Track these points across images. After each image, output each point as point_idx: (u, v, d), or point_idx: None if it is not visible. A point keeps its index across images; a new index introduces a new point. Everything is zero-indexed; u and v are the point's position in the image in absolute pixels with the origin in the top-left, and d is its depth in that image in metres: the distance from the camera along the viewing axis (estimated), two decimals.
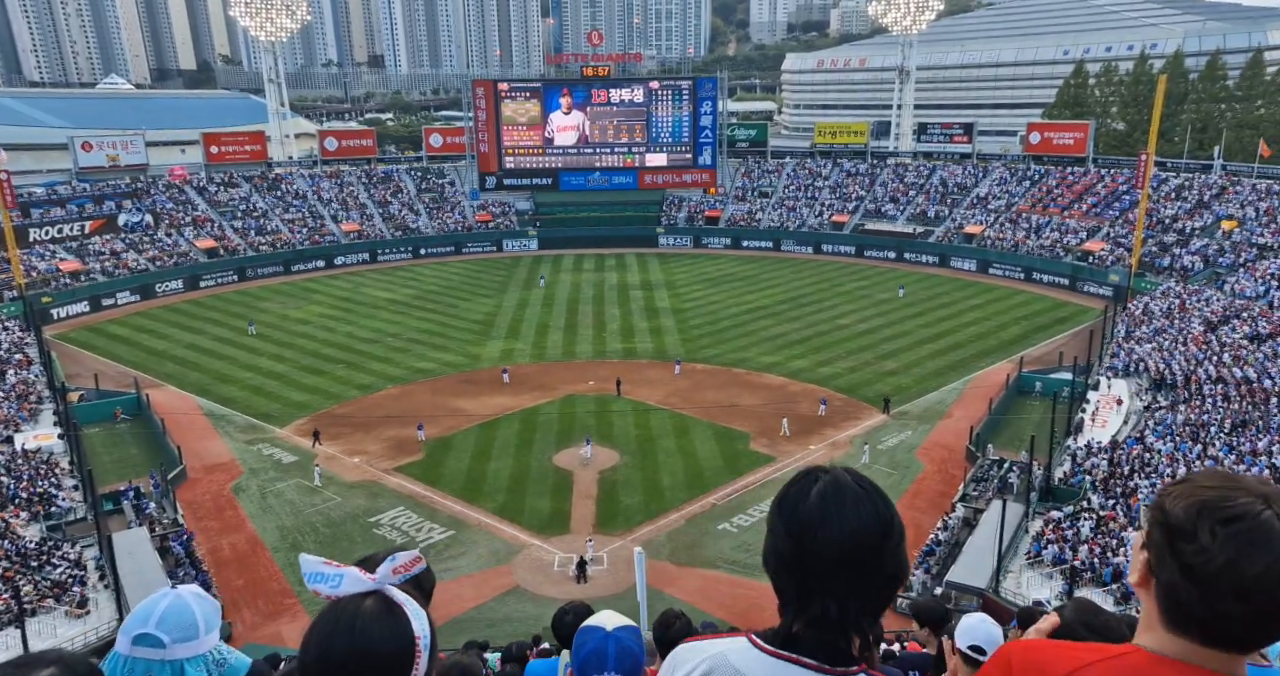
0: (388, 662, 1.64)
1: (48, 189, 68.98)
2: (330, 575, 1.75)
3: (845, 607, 1.63)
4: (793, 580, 1.67)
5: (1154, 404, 36.47)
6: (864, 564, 1.63)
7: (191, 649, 2.04)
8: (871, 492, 1.69)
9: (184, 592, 2.11)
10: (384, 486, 33.68)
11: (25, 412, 38.29)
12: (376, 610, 1.69)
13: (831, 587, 1.63)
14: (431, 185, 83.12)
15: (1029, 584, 25.04)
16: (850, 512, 1.64)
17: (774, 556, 1.71)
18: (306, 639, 1.67)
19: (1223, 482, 1.50)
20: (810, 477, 1.72)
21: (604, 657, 2.46)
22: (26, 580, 24.61)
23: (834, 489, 1.67)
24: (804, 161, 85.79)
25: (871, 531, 1.63)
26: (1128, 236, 62.09)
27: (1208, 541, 1.42)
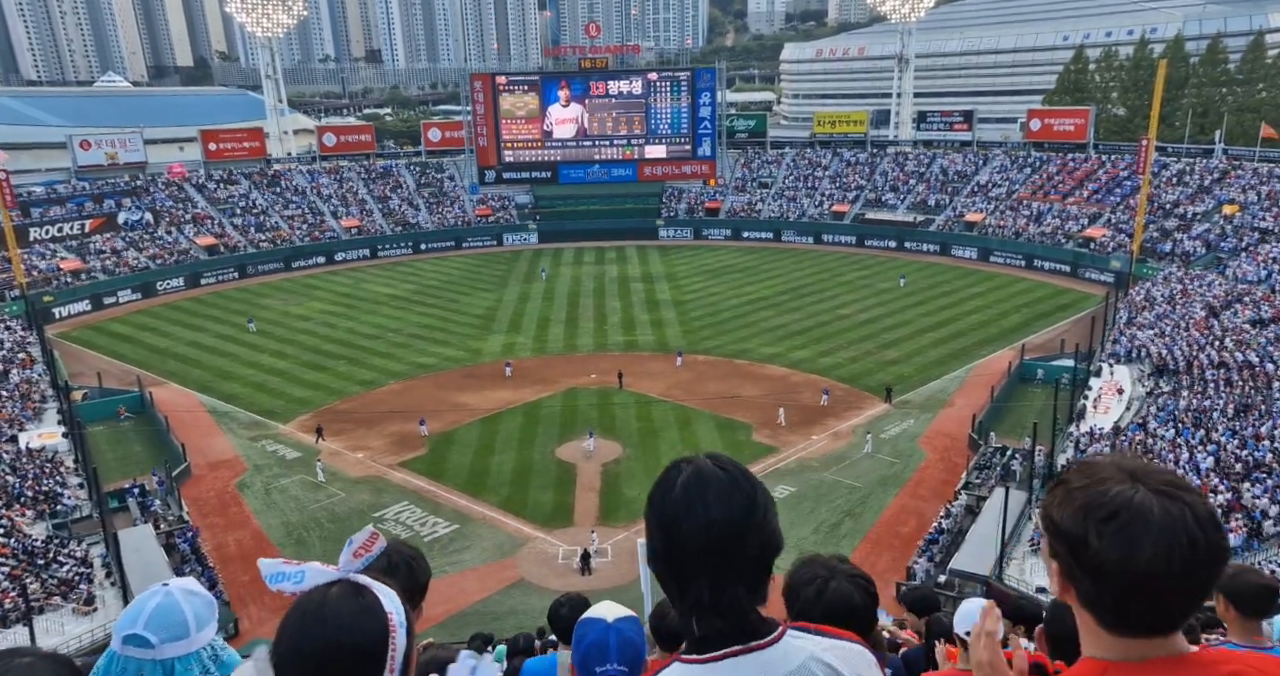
0: (362, 645, 1.62)
1: (47, 188, 68.91)
2: (291, 573, 1.74)
3: (716, 587, 1.65)
4: (673, 571, 1.70)
5: (1156, 390, 36.44)
6: (729, 547, 1.65)
7: (182, 647, 2.02)
8: (734, 474, 1.72)
9: (175, 590, 2.08)
10: (388, 481, 33.75)
11: (29, 411, 38.38)
12: (343, 594, 1.68)
13: (703, 572, 1.66)
14: (431, 180, 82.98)
15: (1032, 570, 25.07)
16: (712, 500, 1.67)
17: (651, 552, 1.74)
18: (278, 635, 1.64)
19: (1090, 477, 1.53)
20: (676, 470, 1.76)
21: (605, 649, 2.45)
22: (33, 578, 24.72)
23: (695, 478, 1.70)
24: (803, 151, 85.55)
25: (734, 515, 1.66)
26: (1129, 222, 61.92)
27: (1097, 544, 1.46)
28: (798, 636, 1.73)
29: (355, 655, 1.60)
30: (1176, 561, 1.42)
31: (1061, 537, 1.52)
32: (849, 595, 2.78)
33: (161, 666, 2.01)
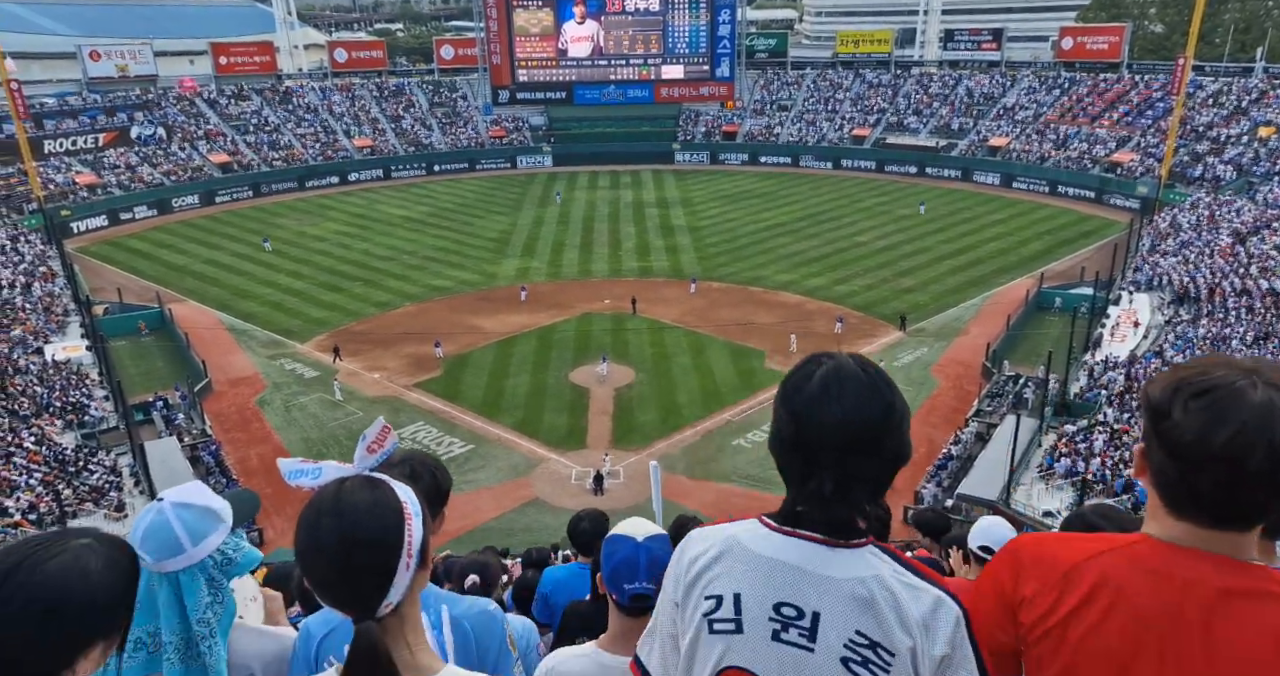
0: (377, 534, 1.64)
1: (59, 99, 68.15)
2: (309, 469, 1.79)
3: (842, 485, 1.66)
4: (794, 460, 1.71)
5: (1175, 318, 36.11)
6: (863, 445, 1.65)
7: (182, 562, 2.06)
8: (874, 376, 1.71)
9: (167, 507, 2.08)
10: (404, 401, 34.31)
11: (53, 324, 39.03)
12: (357, 487, 1.70)
13: (831, 466, 1.66)
14: (444, 99, 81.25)
15: (1039, 496, 25.47)
16: (850, 396, 1.66)
17: (778, 440, 1.75)
18: (298, 529, 1.68)
19: (1207, 363, 1.50)
20: (815, 362, 1.76)
21: (635, 567, 2.48)
22: (65, 484, 25.58)
23: (835, 373, 1.70)
24: (825, 72, 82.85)
25: (871, 414, 1.66)
26: (1159, 146, 60.13)
27: (1180, 416, 1.44)
28: (877, 554, 1.71)
29: (371, 544, 1.63)
30: (1260, 452, 1.38)
31: (1147, 411, 1.50)
32: None
33: (167, 579, 2.06)
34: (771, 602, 1.68)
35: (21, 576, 1.47)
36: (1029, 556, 1.69)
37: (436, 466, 2.54)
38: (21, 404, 30.72)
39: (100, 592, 1.55)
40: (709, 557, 1.76)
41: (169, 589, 2.06)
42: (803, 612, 1.66)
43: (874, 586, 1.66)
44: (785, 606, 1.67)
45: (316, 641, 2.33)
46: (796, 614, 1.66)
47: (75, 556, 1.54)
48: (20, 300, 40.47)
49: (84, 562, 1.55)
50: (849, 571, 1.67)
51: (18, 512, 24.28)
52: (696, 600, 1.76)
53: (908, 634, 1.63)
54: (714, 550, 1.76)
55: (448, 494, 2.56)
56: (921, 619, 1.64)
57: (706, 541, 1.80)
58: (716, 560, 1.75)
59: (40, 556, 1.52)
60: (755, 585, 1.69)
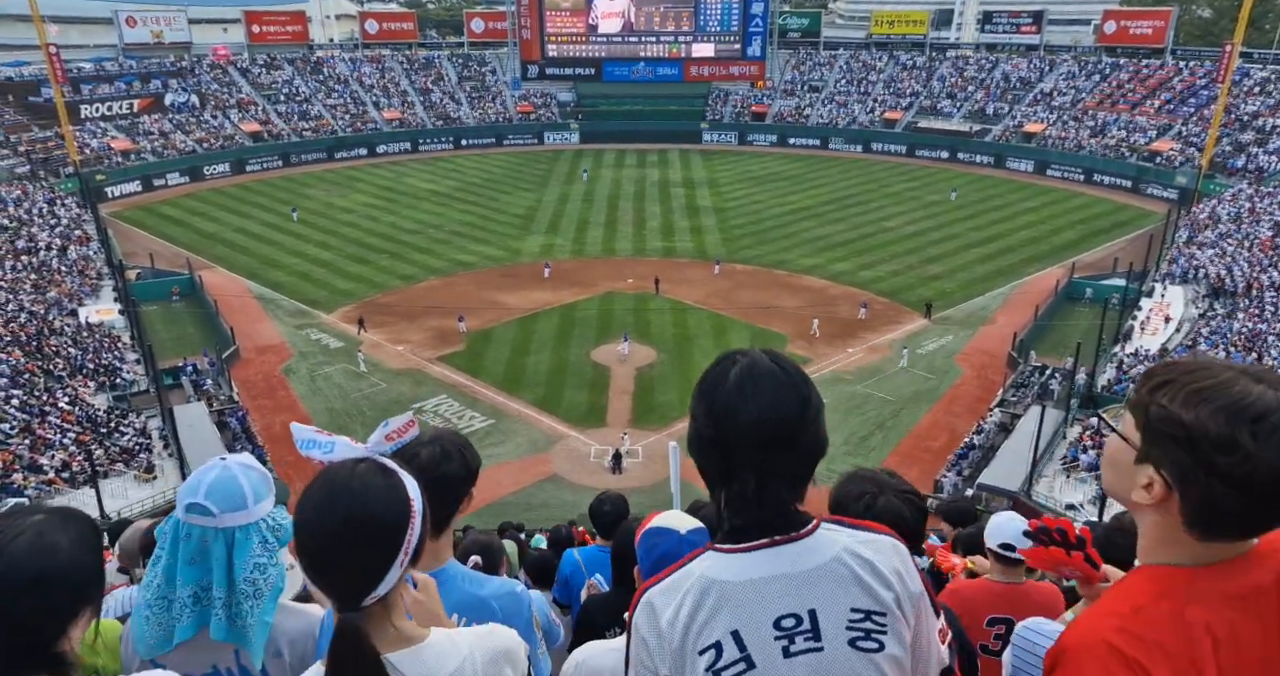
0: (386, 524, 1.65)
1: (95, 65, 68.87)
2: (323, 442, 1.79)
3: (763, 482, 1.66)
4: (713, 460, 1.70)
5: (1210, 312, 35.44)
6: (780, 441, 1.65)
7: (241, 518, 2.12)
8: (789, 372, 1.70)
9: (232, 464, 2.17)
10: (427, 374, 34.59)
11: (87, 287, 39.73)
12: (370, 472, 1.70)
13: (751, 464, 1.65)
14: (473, 73, 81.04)
15: (1062, 488, 25.24)
16: (766, 392, 1.66)
17: (696, 438, 1.73)
18: (302, 502, 1.67)
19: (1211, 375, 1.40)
20: (729, 359, 1.73)
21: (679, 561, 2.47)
22: (97, 445, 26.14)
23: (750, 369, 1.69)
24: (858, 53, 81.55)
25: (788, 409, 1.65)
26: (1200, 135, 58.68)
27: (1252, 446, 1.32)
28: (831, 529, 1.73)
29: (377, 531, 1.63)
30: None
31: (1192, 443, 1.36)
32: (898, 511, 2.73)
33: (223, 534, 2.11)
34: (770, 622, 1.64)
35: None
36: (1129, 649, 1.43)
37: (465, 446, 2.55)
38: (56, 364, 31.37)
39: (72, 563, 1.58)
40: (687, 611, 1.66)
41: (223, 545, 2.11)
42: (800, 617, 1.64)
43: (847, 558, 1.68)
44: (784, 619, 1.64)
45: None
46: (795, 621, 1.64)
47: (38, 532, 1.58)
48: (56, 262, 41.20)
49: (48, 537, 1.58)
50: (820, 556, 1.68)
51: (51, 470, 24.90)
52: (692, 659, 1.65)
53: (888, 587, 1.68)
54: (689, 601, 1.67)
55: (476, 473, 2.58)
56: (891, 567, 1.69)
57: (672, 596, 1.69)
58: (696, 610, 1.66)
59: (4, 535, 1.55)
60: (748, 614, 1.64)
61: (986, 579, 3.71)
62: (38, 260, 40.90)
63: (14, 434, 26.07)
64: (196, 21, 75.74)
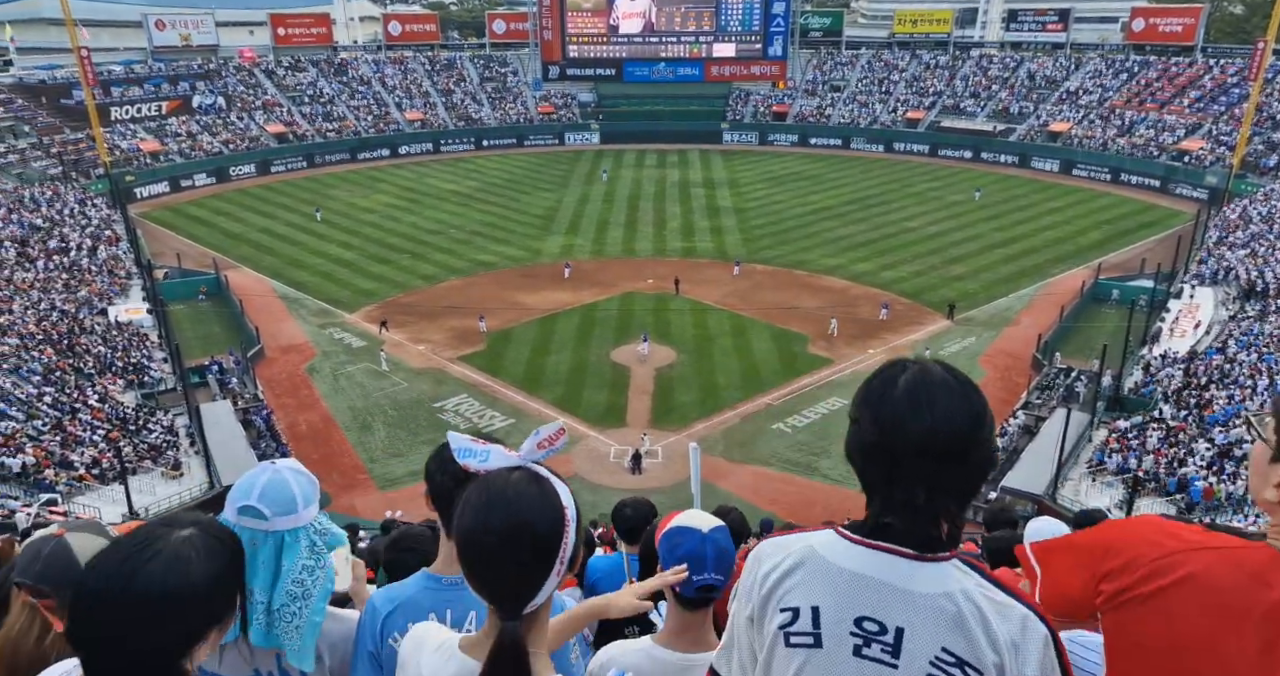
0: (542, 533, 1.68)
1: (125, 67, 70.04)
2: (478, 450, 1.80)
3: (932, 495, 1.61)
4: (879, 470, 1.65)
5: (1240, 313, 34.84)
6: (953, 454, 1.60)
7: (291, 522, 2.16)
8: (963, 383, 1.65)
9: (283, 469, 2.21)
10: (448, 374, 34.79)
11: (116, 287, 40.39)
12: (525, 482, 1.74)
13: (919, 476, 1.60)
14: (494, 74, 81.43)
15: (1088, 492, 24.91)
16: (941, 404, 1.61)
17: (859, 447, 1.68)
18: (462, 512, 1.72)
19: None
20: (898, 367, 1.69)
21: (703, 559, 2.46)
22: (126, 442, 26.56)
23: (923, 380, 1.64)
24: (880, 53, 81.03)
25: (961, 423, 1.60)
26: (1231, 134, 57.72)
27: None
28: (961, 568, 1.64)
29: (535, 538, 1.67)
30: None
31: None
32: None
33: (274, 537, 2.15)
34: (853, 617, 1.62)
35: (126, 574, 1.51)
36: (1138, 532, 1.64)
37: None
38: (86, 362, 31.91)
39: (205, 582, 1.58)
40: (783, 569, 1.71)
41: (271, 548, 2.15)
42: (885, 628, 1.60)
43: (961, 602, 1.60)
44: (867, 621, 1.61)
45: (382, 617, 2.40)
46: (879, 629, 1.61)
47: (175, 554, 1.58)
48: (87, 262, 41.91)
49: (184, 556, 1.58)
50: (934, 586, 1.61)
51: (82, 467, 25.32)
52: (772, 613, 1.71)
53: (995, 652, 1.57)
54: (789, 562, 1.71)
55: None
56: (1010, 638, 1.57)
57: (780, 553, 1.74)
58: (791, 572, 1.70)
59: (145, 552, 1.56)
60: (835, 598, 1.64)
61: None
62: (69, 260, 41.63)
63: (46, 430, 26.56)
64: (224, 24, 76.73)
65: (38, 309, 35.29)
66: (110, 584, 1.50)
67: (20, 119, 60.83)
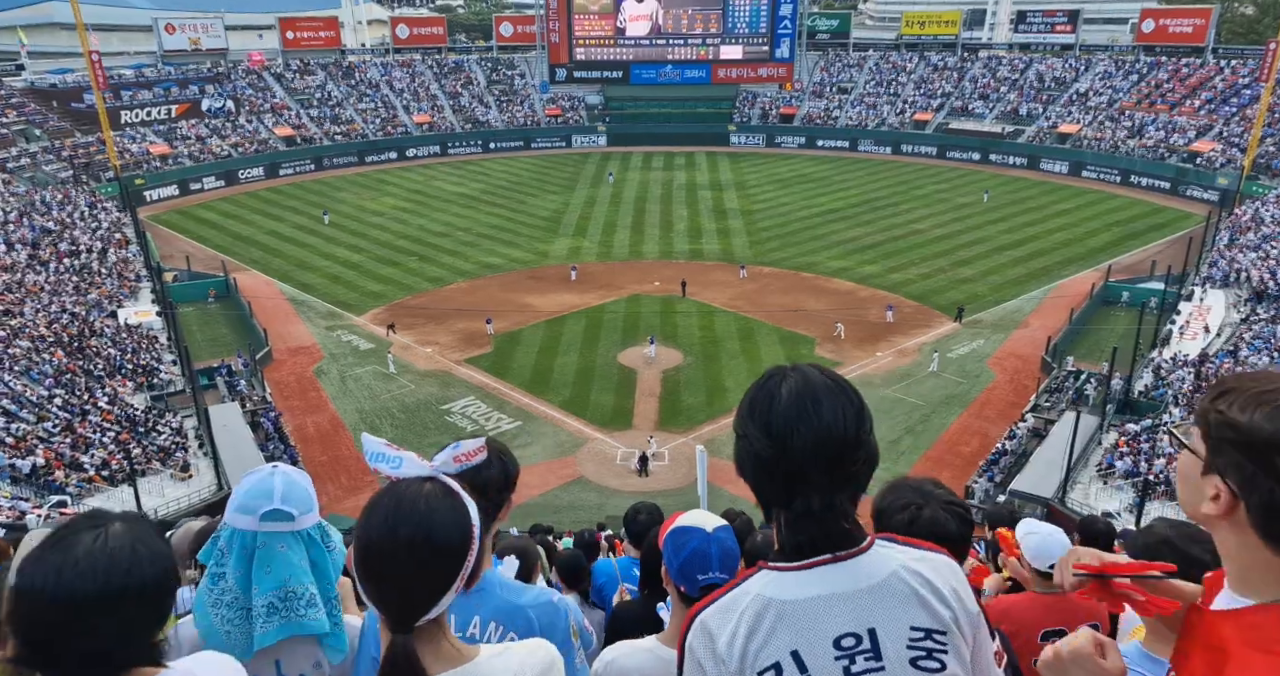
0: (448, 548, 1.65)
1: (135, 71, 70.53)
2: (391, 457, 1.78)
3: (830, 500, 1.64)
4: (774, 481, 1.66)
5: (1252, 316, 34.60)
6: (842, 456, 1.63)
7: (312, 519, 2.18)
8: (841, 383, 1.68)
9: (287, 470, 2.21)
10: (455, 376, 34.83)
11: (126, 290, 40.58)
12: (436, 494, 1.70)
13: (814, 483, 1.63)
14: (501, 77, 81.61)
15: (1097, 495, 24.77)
16: (826, 408, 1.63)
17: (752, 460, 1.68)
18: (368, 518, 1.68)
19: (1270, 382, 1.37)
20: (777, 376, 1.70)
21: (707, 559, 2.46)
22: (136, 443, 26.66)
23: (805, 386, 1.66)
24: (888, 55, 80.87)
25: (848, 422, 1.64)
26: (1243, 136, 57.41)
27: None
28: (886, 546, 1.71)
29: (439, 551, 1.64)
30: None
31: (1248, 444, 1.34)
32: (944, 523, 2.64)
33: (300, 536, 2.15)
34: (830, 641, 1.61)
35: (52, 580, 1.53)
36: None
37: (503, 451, 2.54)
38: (96, 364, 32.06)
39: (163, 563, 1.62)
40: (744, 632, 1.64)
41: (302, 546, 2.14)
42: (860, 636, 1.62)
43: (904, 576, 1.66)
44: (844, 638, 1.62)
45: None
46: (856, 640, 1.61)
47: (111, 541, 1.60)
48: (97, 265, 42.13)
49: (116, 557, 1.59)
50: (877, 573, 1.65)
51: (92, 469, 25.43)
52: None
53: (946, 605, 1.65)
54: (745, 621, 1.64)
55: (515, 479, 2.58)
56: (948, 585, 1.67)
57: (729, 617, 1.66)
58: (754, 632, 1.63)
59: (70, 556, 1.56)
60: (807, 634, 1.62)
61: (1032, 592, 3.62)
62: (79, 262, 41.85)
63: (56, 432, 26.69)
64: (233, 28, 77.14)
65: (48, 311, 35.49)
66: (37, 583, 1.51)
67: (32, 123, 61.25)
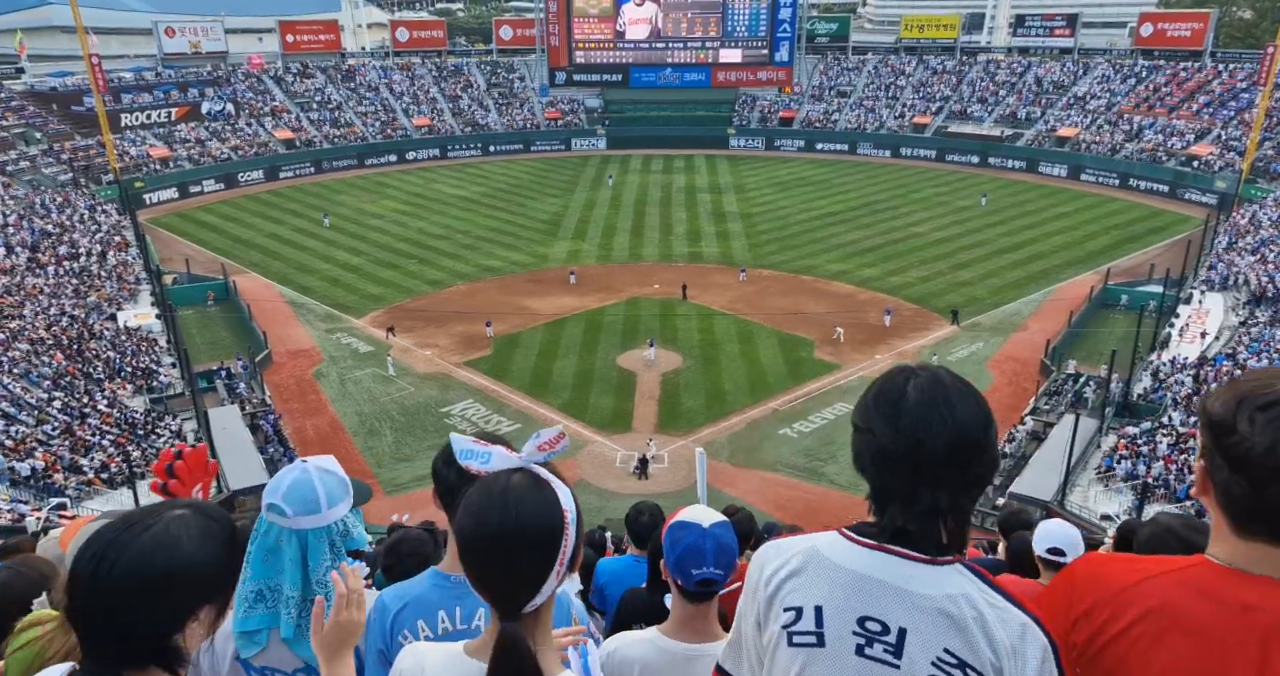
0: (539, 535, 1.70)
1: (135, 74, 70.61)
2: (480, 452, 1.83)
3: (954, 498, 1.65)
4: (899, 478, 1.66)
5: (1251, 319, 34.65)
6: (969, 457, 1.64)
7: (314, 521, 2.18)
8: (970, 387, 1.71)
9: (311, 468, 2.23)
10: (454, 379, 34.84)
11: (125, 292, 40.61)
12: (525, 485, 1.76)
13: (939, 481, 1.63)
14: (501, 80, 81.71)
15: (1097, 498, 24.79)
16: (958, 408, 1.65)
17: (876, 456, 1.69)
18: (462, 514, 1.74)
19: (1264, 377, 1.48)
20: (905, 374, 1.73)
21: (701, 553, 2.49)
22: (135, 446, 26.63)
23: (935, 384, 1.69)
24: (887, 58, 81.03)
25: (977, 425, 1.65)
26: (1241, 139, 57.52)
27: (1246, 429, 1.40)
28: (963, 573, 1.66)
29: (532, 541, 1.69)
30: None
31: (1208, 427, 1.47)
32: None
33: (297, 535, 2.17)
34: (855, 616, 1.64)
35: (116, 550, 1.57)
36: (1086, 574, 1.68)
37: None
38: (96, 367, 32.06)
39: (194, 560, 1.63)
40: (788, 570, 1.74)
41: (296, 546, 2.17)
42: (888, 628, 1.62)
43: (963, 605, 1.62)
44: (870, 621, 1.63)
45: (392, 614, 2.43)
46: (881, 629, 1.62)
47: (165, 528, 1.63)
48: (96, 268, 42.14)
49: (175, 533, 1.64)
50: (936, 588, 1.64)
51: (91, 472, 25.41)
52: (776, 613, 1.73)
53: (995, 655, 1.59)
54: (794, 562, 1.74)
55: None
56: (1010, 644, 1.59)
57: (785, 554, 1.77)
58: (796, 573, 1.73)
59: (135, 529, 1.61)
60: (838, 598, 1.66)
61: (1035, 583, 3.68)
62: (79, 265, 41.87)
63: (55, 435, 26.68)
64: (233, 31, 77.24)
65: (48, 314, 35.49)
66: (101, 560, 1.55)
67: (31, 126, 61.30)
